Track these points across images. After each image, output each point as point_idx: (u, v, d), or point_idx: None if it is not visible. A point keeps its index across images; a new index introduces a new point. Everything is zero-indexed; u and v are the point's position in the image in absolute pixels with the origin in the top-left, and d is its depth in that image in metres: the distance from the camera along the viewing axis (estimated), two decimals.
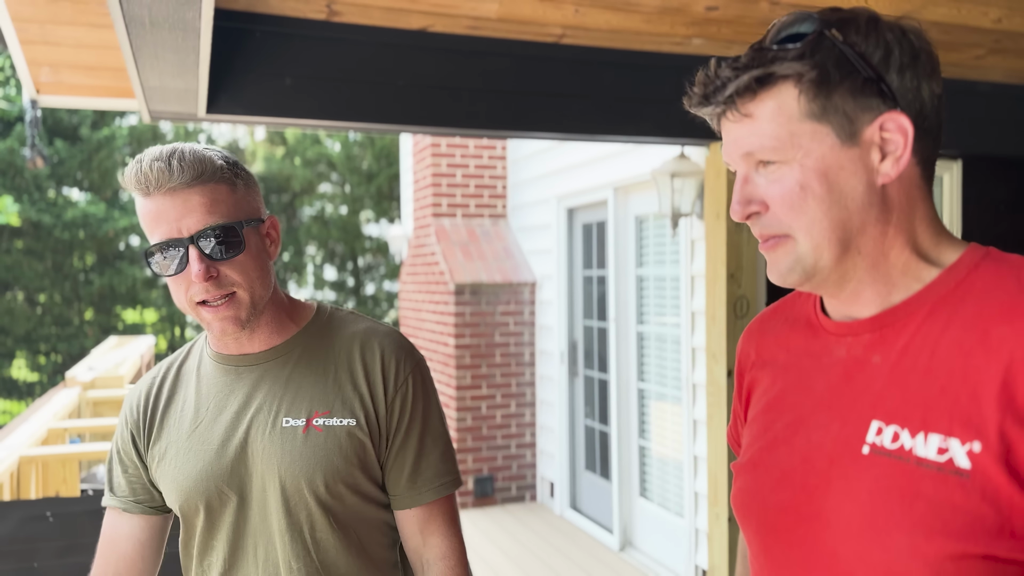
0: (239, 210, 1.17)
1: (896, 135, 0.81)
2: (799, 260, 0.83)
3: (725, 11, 2.48)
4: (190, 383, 1.28)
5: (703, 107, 0.86)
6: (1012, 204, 3.81)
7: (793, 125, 0.81)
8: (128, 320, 17.09)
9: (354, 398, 1.22)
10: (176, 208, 1.12)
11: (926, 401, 0.77)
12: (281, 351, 1.25)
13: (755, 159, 0.84)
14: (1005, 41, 2.86)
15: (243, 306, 1.17)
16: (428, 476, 1.26)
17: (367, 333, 1.27)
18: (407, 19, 2.51)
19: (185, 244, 1.12)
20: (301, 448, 1.19)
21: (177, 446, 1.24)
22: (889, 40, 0.81)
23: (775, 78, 0.81)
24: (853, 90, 0.80)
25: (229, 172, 1.16)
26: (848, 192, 0.81)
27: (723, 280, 3.23)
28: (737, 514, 0.95)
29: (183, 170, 1.10)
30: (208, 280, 1.12)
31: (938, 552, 0.72)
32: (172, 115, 2.56)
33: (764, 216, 0.84)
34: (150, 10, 1.55)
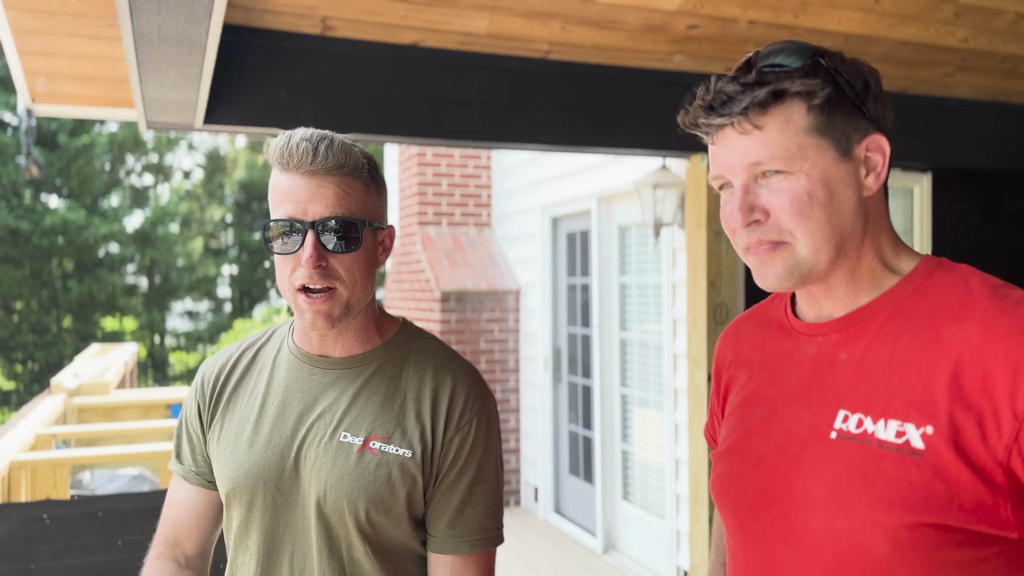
0: (365, 210, 1.17)
1: (877, 154, 0.92)
2: (797, 265, 0.91)
3: (705, 29, 2.59)
4: (264, 369, 1.27)
5: (709, 118, 0.91)
6: (980, 215, 3.95)
7: (800, 138, 0.89)
8: (107, 328, 16.95)
9: (415, 429, 1.19)
10: (309, 190, 1.12)
11: (886, 391, 0.87)
12: (359, 362, 1.23)
13: (761, 169, 0.90)
14: (972, 59, 2.98)
15: (339, 303, 1.16)
16: (470, 527, 1.21)
17: (444, 364, 1.25)
18: (399, 34, 2.59)
19: (306, 227, 1.12)
20: (352, 468, 1.17)
21: (237, 431, 1.23)
22: (865, 72, 0.93)
23: (787, 94, 0.89)
24: (846, 112, 0.90)
25: (367, 172, 1.17)
26: (845, 202, 0.90)
27: (703, 288, 3.33)
28: (716, 497, 1.04)
29: (327, 156, 1.11)
30: (316, 268, 1.12)
31: (896, 523, 0.82)
32: (170, 125, 2.63)
33: (764, 224, 0.91)
34: (159, 28, 1.62)
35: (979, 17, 2.58)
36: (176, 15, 1.56)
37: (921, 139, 3.49)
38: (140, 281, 17.84)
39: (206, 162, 19.01)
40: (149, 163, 18.07)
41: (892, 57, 2.90)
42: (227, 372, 1.29)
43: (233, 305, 19.00)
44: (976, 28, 2.67)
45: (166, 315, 18.13)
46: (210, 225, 18.57)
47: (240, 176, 18.74)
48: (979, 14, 2.55)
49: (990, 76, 3.20)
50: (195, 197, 18.53)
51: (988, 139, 3.63)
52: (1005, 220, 4.01)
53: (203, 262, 18.16)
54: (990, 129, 3.62)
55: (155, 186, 18.31)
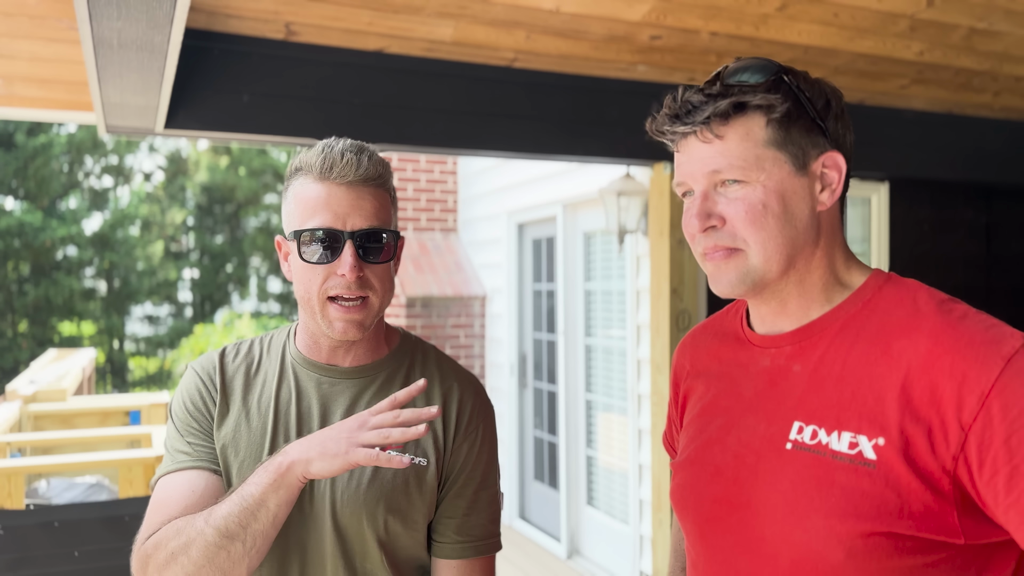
0: (392, 221, 1.19)
1: (833, 171, 0.95)
2: (749, 272, 0.94)
3: (668, 40, 2.62)
4: (271, 377, 1.23)
5: (674, 126, 0.95)
6: (935, 224, 4.05)
7: (759, 150, 0.92)
8: (64, 332, 16.60)
9: (428, 437, 1.20)
10: (348, 201, 1.12)
11: (839, 404, 0.90)
12: (369, 371, 1.23)
13: (719, 177, 0.93)
14: (927, 72, 3.06)
15: (371, 312, 1.17)
16: (476, 532, 1.23)
17: (449, 372, 1.27)
18: (364, 40, 2.59)
19: (344, 238, 1.12)
20: (370, 477, 1.16)
21: (248, 439, 1.19)
22: (827, 92, 0.96)
23: (748, 107, 0.92)
24: (805, 128, 0.93)
25: (391, 185, 1.20)
26: (798, 214, 0.94)
27: (667, 295, 3.37)
28: (676, 506, 1.06)
29: (368, 167, 1.13)
30: (357, 278, 1.13)
31: (850, 532, 0.84)
32: (130, 130, 2.59)
33: (720, 230, 0.94)
34: (120, 33, 1.60)
35: (934, 31, 2.64)
36: (137, 20, 1.54)
37: (878, 149, 3.57)
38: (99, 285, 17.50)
39: (167, 164, 18.74)
40: (109, 165, 17.76)
41: (850, 69, 2.97)
42: (233, 372, 1.24)
43: (194, 309, 18.73)
44: (931, 42, 2.74)
45: (125, 320, 17.81)
46: (171, 228, 18.29)
47: (202, 179, 18.49)
48: (934, 28, 2.62)
49: (945, 89, 3.29)
50: (156, 200, 18.24)
51: (943, 150, 3.72)
52: (960, 229, 4.12)
53: (164, 266, 17.88)
54: (945, 140, 3.71)
55: (115, 188, 18.00)
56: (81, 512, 2.63)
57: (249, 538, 1.04)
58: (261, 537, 1.05)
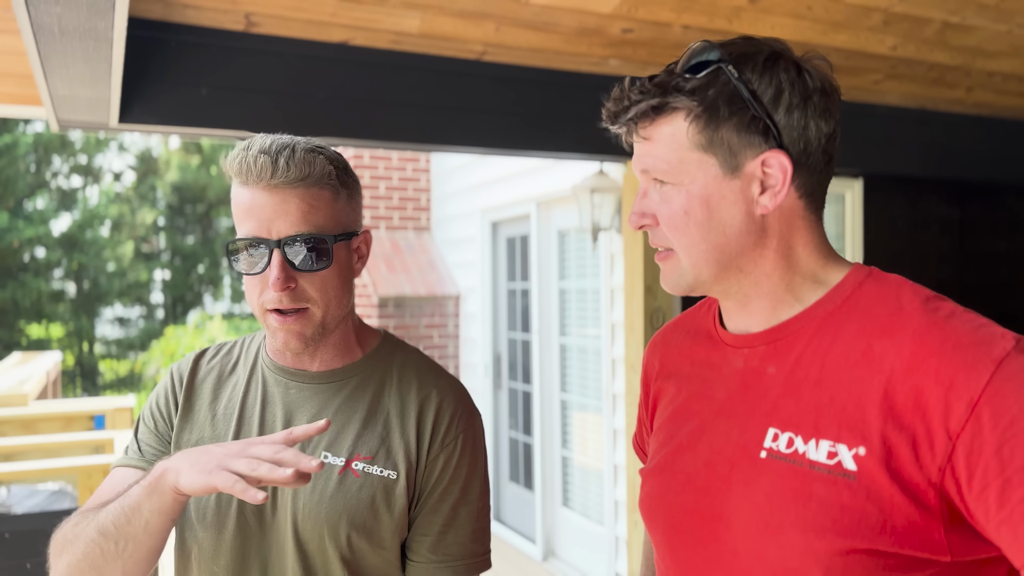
0: (335, 221, 1.08)
1: (776, 172, 0.86)
2: (683, 274, 0.91)
3: (640, 33, 2.57)
4: (240, 382, 1.19)
5: (611, 124, 0.92)
6: (910, 220, 4.04)
7: (683, 152, 0.87)
8: (32, 335, 16.31)
9: (399, 448, 1.12)
10: (272, 206, 1.04)
11: (817, 410, 0.83)
12: (338, 376, 1.16)
13: (650, 176, 0.91)
14: (900, 67, 3.03)
15: (312, 324, 1.09)
16: (453, 552, 1.14)
17: (429, 378, 1.18)
18: (327, 32, 2.51)
19: (271, 246, 1.04)
20: (333, 490, 1.09)
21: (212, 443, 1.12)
22: (782, 80, 0.85)
23: (669, 108, 0.87)
24: (739, 126, 0.85)
25: (336, 179, 1.08)
26: (727, 220, 0.87)
27: (640, 293, 3.32)
28: (644, 516, 0.99)
29: (288, 169, 1.03)
30: (284, 290, 1.05)
31: (828, 548, 0.78)
32: (82, 124, 2.49)
33: (655, 229, 0.92)
34: (59, 19, 1.51)
35: (907, 26, 2.61)
36: (77, 5, 1.45)
37: (852, 145, 3.54)
38: (67, 286, 17.20)
39: (137, 164, 18.45)
40: (77, 164, 17.46)
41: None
42: (204, 375, 1.20)
43: (166, 311, 18.46)
44: (904, 36, 2.71)
45: (95, 322, 17.53)
46: (141, 228, 18.00)
47: (173, 178, 18.24)
48: (907, 23, 2.59)
49: (918, 84, 3.27)
50: (126, 200, 17.96)
51: (917, 146, 3.70)
52: (933, 225, 4.11)
53: (134, 267, 17.60)
54: (918, 136, 3.70)
55: (83, 188, 17.70)
56: (34, 523, 2.54)
57: (122, 540, 0.99)
58: (133, 542, 0.99)
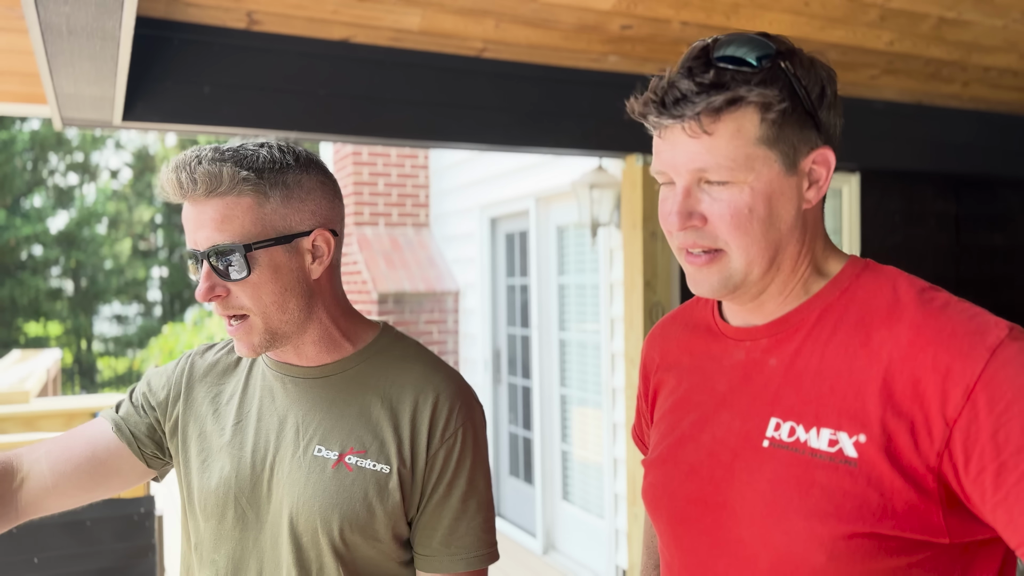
0: (261, 227, 1.05)
1: (822, 168, 0.88)
2: (731, 276, 0.88)
3: (639, 30, 2.59)
4: (241, 376, 1.21)
5: (660, 116, 0.86)
6: (906, 215, 4.07)
7: (749, 148, 0.84)
8: (30, 333, 16.31)
9: (393, 443, 1.12)
10: (193, 219, 1.05)
11: (818, 399, 0.85)
12: (332, 370, 1.16)
13: (704, 176, 0.86)
14: (897, 62, 3.06)
15: (255, 331, 1.08)
16: (466, 543, 1.14)
17: (427, 372, 1.16)
18: (329, 30, 2.53)
19: (200, 257, 1.05)
20: (326, 484, 1.10)
21: (211, 440, 1.17)
22: (823, 78, 0.87)
23: (743, 102, 0.83)
24: (799, 123, 0.85)
25: (257, 183, 1.05)
26: (783, 216, 0.87)
27: (640, 288, 3.34)
28: (648, 507, 1.01)
29: (195, 183, 1.02)
30: (212, 299, 1.06)
31: (831, 533, 0.80)
32: (86, 122, 2.51)
33: (701, 230, 0.87)
34: (68, 18, 1.53)
35: (904, 21, 2.64)
36: (86, 5, 1.47)
37: (849, 140, 3.55)
38: (65, 284, 17.20)
39: (134, 161, 18.43)
40: (74, 162, 17.44)
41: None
42: (208, 368, 1.22)
43: (164, 309, 18.47)
44: (901, 32, 2.73)
45: (93, 319, 17.53)
46: (139, 226, 18.00)
47: None
48: (904, 18, 2.61)
49: (915, 79, 3.29)
50: (123, 197, 17.95)
51: (913, 141, 3.73)
52: (930, 219, 4.14)
53: (132, 264, 17.61)
54: (915, 131, 3.72)
55: (80, 186, 17.68)
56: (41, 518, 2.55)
57: None
58: None
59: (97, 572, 2.54)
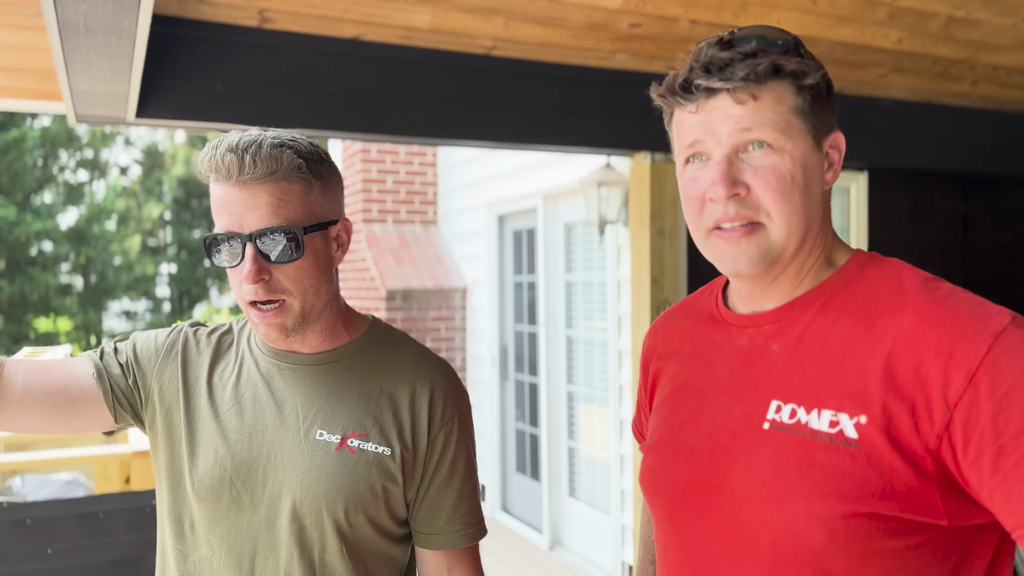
0: (308, 213, 1.10)
1: (836, 152, 0.93)
2: (770, 249, 0.89)
3: (647, 28, 2.60)
4: (233, 361, 1.23)
5: (708, 80, 0.87)
6: (914, 213, 4.07)
7: (789, 116, 0.88)
8: (40, 329, 16.40)
9: (392, 427, 1.17)
10: (242, 202, 1.07)
11: (819, 381, 0.87)
12: (331, 357, 1.20)
13: (749, 137, 0.87)
14: (906, 61, 3.06)
15: (291, 315, 1.12)
16: (468, 519, 1.22)
17: (421, 361, 1.23)
18: (340, 27, 2.55)
19: (244, 240, 1.07)
20: (330, 467, 1.14)
21: (202, 423, 1.18)
22: (822, 67, 0.93)
23: (784, 71, 0.87)
24: (823, 103, 0.90)
25: (306, 171, 1.10)
26: (815, 191, 0.91)
27: (647, 285, 3.36)
28: (646, 490, 1.03)
29: (255, 165, 1.05)
30: (259, 282, 1.08)
31: (831, 512, 0.82)
32: (100, 119, 2.54)
33: (744, 199, 0.88)
34: (85, 16, 1.55)
35: (912, 20, 2.64)
36: (103, 3, 1.49)
37: (857, 139, 3.58)
38: (75, 280, 17.29)
39: (144, 158, 18.52)
40: (84, 159, 17.52)
41: (829, 58, 2.97)
42: (201, 348, 1.23)
43: (172, 305, 18.55)
44: (910, 30, 2.74)
45: (103, 315, 17.62)
46: (148, 223, 18.09)
47: (179, 172, 18.30)
48: (912, 17, 2.62)
49: (923, 77, 3.30)
50: (132, 194, 18.03)
51: (921, 139, 3.73)
52: (938, 217, 4.14)
53: (141, 260, 17.69)
54: (923, 129, 3.72)
55: (90, 182, 17.77)
56: (54, 509, 2.59)
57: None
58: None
59: (109, 563, 2.57)
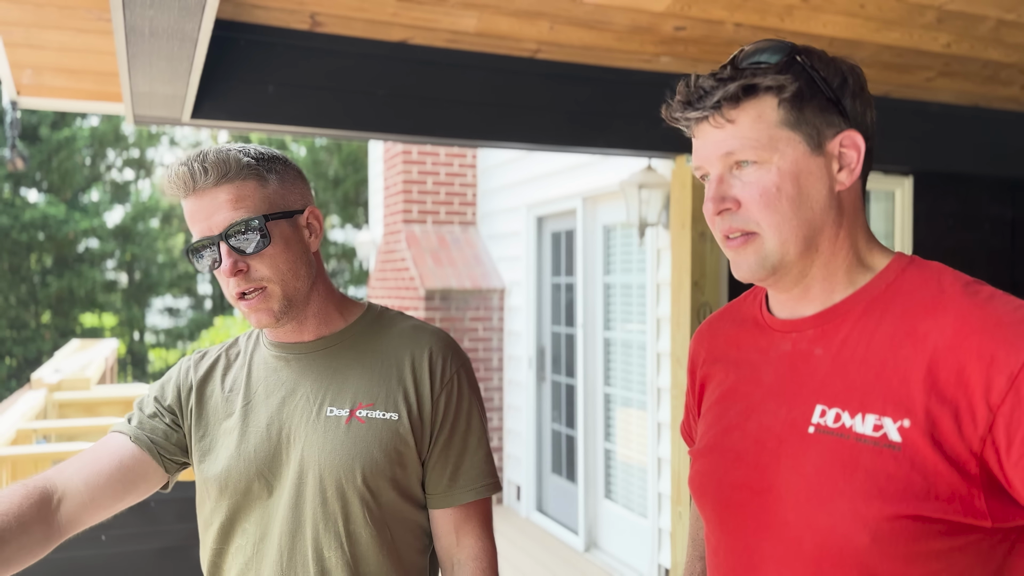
0: (268, 204, 1.19)
1: (851, 151, 0.94)
2: (767, 257, 0.94)
3: (692, 31, 2.61)
4: (244, 365, 1.31)
5: (686, 112, 0.95)
6: (960, 218, 4.01)
7: (772, 131, 0.92)
8: (86, 324, 16.80)
9: (399, 393, 1.24)
10: (205, 207, 1.17)
11: (863, 386, 0.89)
12: (331, 341, 1.28)
13: (734, 159, 0.93)
14: (954, 64, 3.03)
15: (275, 299, 1.20)
16: (471, 476, 1.28)
17: (416, 330, 1.31)
18: (388, 31, 2.60)
19: (216, 241, 1.16)
20: (343, 438, 1.21)
21: (224, 426, 1.26)
22: (844, 70, 0.95)
23: (759, 89, 0.92)
24: (820, 107, 0.92)
25: (257, 168, 1.19)
26: (814, 195, 0.93)
27: (688, 288, 3.36)
28: (695, 494, 1.06)
29: (206, 171, 1.15)
30: (236, 274, 1.17)
31: (876, 515, 0.83)
32: (157, 119, 2.61)
33: (735, 213, 0.94)
34: (151, 21, 1.61)
35: (962, 23, 2.62)
36: (169, 8, 1.56)
37: (903, 143, 3.54)
38: (120, 277, 17.69)
39: None
40: (130, 158, 17.92)
41: (875, 61, 2.94)
42: (210, 366, 1.33)
43: (214, 302, 18.87)
44: (959, 34, 2.71)
45: (146, 311, 17.99)
46: None
47: None
48: (962, 20, 2.59)
49: (971, 81, 3.25)
50: None
51: (969, 143, 3.68)
52: (984, 223, 4.07)
53: (184, 258, 18.01)
54: (971, 134, 3.67)
55: (136, 181, 18.16)
56: None
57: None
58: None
59: (159, 551, 2.65)
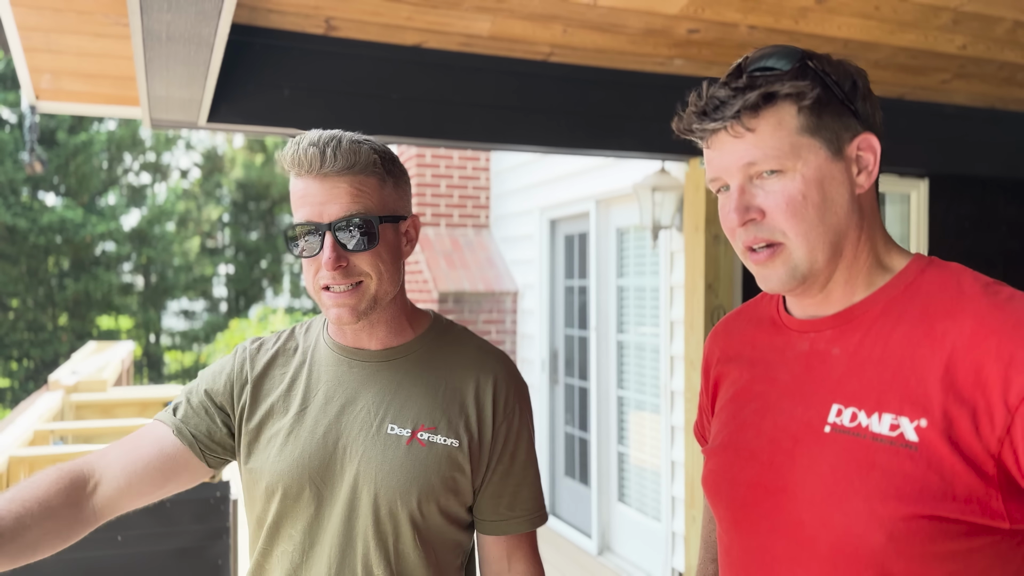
0: (382, 205, 1.17)
1: (868, 153, 0.94)
2: (796, 267, 0.93)
3: (706, 34, 2.61)
4: (304, 362, 1.28)
5: (703, 123, 0.93)
6: (976, 221, 3.98)
7: (793, 138, 0.91)
8: (103, 326, 16.93)
9: (460, 419, 1.23)
10: (322, 193, 1.14)
11: (880, 386, 0.89)
12: (398, 353, 1.26)
13: (756, 169, 0.92)
14: (970, 67, 3.01)
15: (365, 297, 1.18)
16: (528, 507, 1.28)
17: (481, 353, 1.30)
18: (402, 35, 2.61)
19: (323, 229, 1.13)
20: (402, 459, 1.19)
21: (280, 423, 1.24)
22: (852, 73, 0.95)
23: (778, 97, 0.91)
24: (836, 112, 0.92)
25: (381, 167, 1.17)
26: (838, 200, 0.92)
27: (701, 290, 3.35)
28: (708, 492, 1.05)
29: (335, 158, 1.12)
30: (336, 268, 1.14)
31: (892, 514, 0.83)
32: (173, 123, 2.64)
33: (760, 223, 0.93)
34: (168, 25, 1.63)
35: (977, 25, 2.60)
36: (186, 13, 1.57)
37: (918, 145, 3.52)
38: (136, 280, 17.82)
39: (203, 161, 19.01)
40: (147, 162, 18.06)
41: (891, 63, 2.93)
42: (268, 360, 1.29)
43: (229, 305, 18.99)
44: (974, 35, 2.70)
45: (162, 314, 18.12)
46: (207, 224, 18.57)
47: (237, 175, 18.74)
48: (977, 22, 2.58)
49: (987, 83, 3.23)
50: (192, 196, 18.53)
51: (985, 146, 3.66)
52: (1001, 226, 4.05)
53: (199, 261, 18.15)
54: (987, 136, 3.65)
55: (152, 185, 18.31)
56: None
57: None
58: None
59: (176, 551, 2.67)
